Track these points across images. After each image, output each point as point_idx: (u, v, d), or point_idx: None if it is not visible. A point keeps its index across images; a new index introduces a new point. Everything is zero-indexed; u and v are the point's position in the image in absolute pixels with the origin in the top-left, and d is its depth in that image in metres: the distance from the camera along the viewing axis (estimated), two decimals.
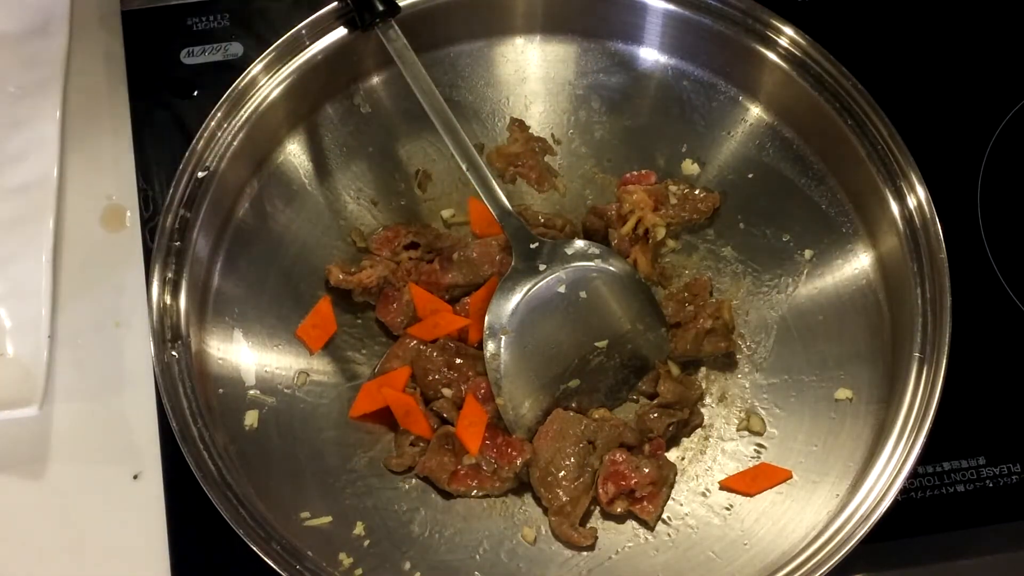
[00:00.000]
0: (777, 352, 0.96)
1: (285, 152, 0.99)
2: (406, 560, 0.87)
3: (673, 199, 1.00)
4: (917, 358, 0.87)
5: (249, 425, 0.89)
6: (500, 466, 0.90)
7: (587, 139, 1.04)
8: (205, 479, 0.81)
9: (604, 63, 1.04)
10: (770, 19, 0.98)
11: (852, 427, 0.90)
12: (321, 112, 1.00)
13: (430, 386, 0.93)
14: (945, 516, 0.93)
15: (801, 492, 0.89)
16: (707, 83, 1.02)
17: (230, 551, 0.82)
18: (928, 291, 0.89)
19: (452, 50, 1.03)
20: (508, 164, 1.03)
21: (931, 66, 1.13)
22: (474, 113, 1.04)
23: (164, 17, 1.10)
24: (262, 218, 0.96)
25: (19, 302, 0.96)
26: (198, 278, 0.90)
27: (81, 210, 1.02)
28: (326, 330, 0.95)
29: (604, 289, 0.95)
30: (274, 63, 0.95)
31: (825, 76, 0.96)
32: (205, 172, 0.91)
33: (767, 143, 1.00)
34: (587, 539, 0.89)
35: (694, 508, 0.91)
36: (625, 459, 0.90)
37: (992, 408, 0.98)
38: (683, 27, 1.00)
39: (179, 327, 0.87)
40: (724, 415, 0.95)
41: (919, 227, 0.91)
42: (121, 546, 0.91)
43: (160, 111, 1.06)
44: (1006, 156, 1.09)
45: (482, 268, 0.98)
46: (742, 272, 1.00)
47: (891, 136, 0.93)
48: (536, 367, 0.93)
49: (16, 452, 0.93)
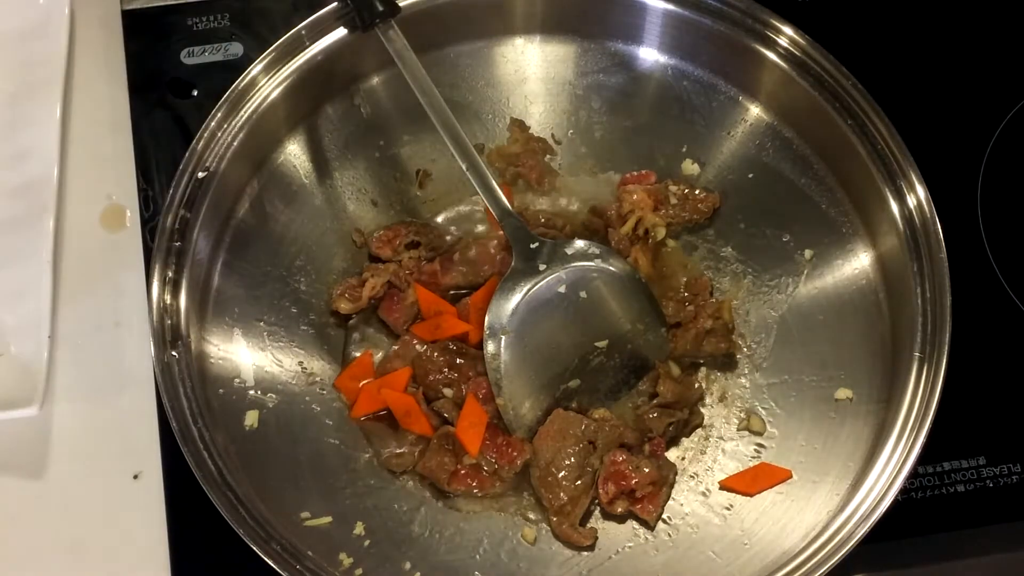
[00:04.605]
0: (777, 352, 0.96)
1: (285, 152, 0.99)
2: (406, 560, 0.87)
3: (673, 199, 1.00)
4: (917, 358, 0.87)
5: (249, 425, 0.89)
6: (500, 466, 0.90)
7: (587, 139, 1.04)
8: (205, 479, 0.81)
9: (604, 63, 1.04)
10: (770, 19, 0.98)
11: (852, 427, 0.90)
12: (321, 112, 1.00)
13: (431, 386, 0.93)
14: (945, 516, 0.93)
15: (801, 492, 0.89)
16: (707, 83, 1.02)
17: (230, 551, 0.82)
18: (928, 291, 0.89)
19: (452, 50, 1.03)
20: (508, 164, 1.03)
21: (931, 66, 1.13)
22: (474, 113, 1.04)
23: (164, 17, 1.11)
24: (262, 218, 0.96)
25: (19, 302, 0.96)
26: (198, 278, 0.90)
27: (81, 210, 1.02)
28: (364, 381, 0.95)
29: (604, 289, 0.95)
30: (274, 63, 0.95)
31: (825, 76, 0.96)
32: (205, 172, 0.91)
33: (767, 143, 1.00)
34: (587, 539, 0.89)
35: (694, 508, 0.91)
36: (625, 459, 0.90)
37: (992, 408, 0.98)
38: (683, 27, 1.00)
39: (179, 327, 0.87)
40: (724, 415, 0.95)
41: (919, 227, 0.91)
42: (121, 546, 0.91)
43: (160, 111, 1.06)
44: (1006, 156, 1.09)
45: (482, 268, 0.98)
46: (742, 272, 1.00)
47: (891, 136, 0.93)
48: (536, 367, 0.93)
49: (16, 452, 0.93)
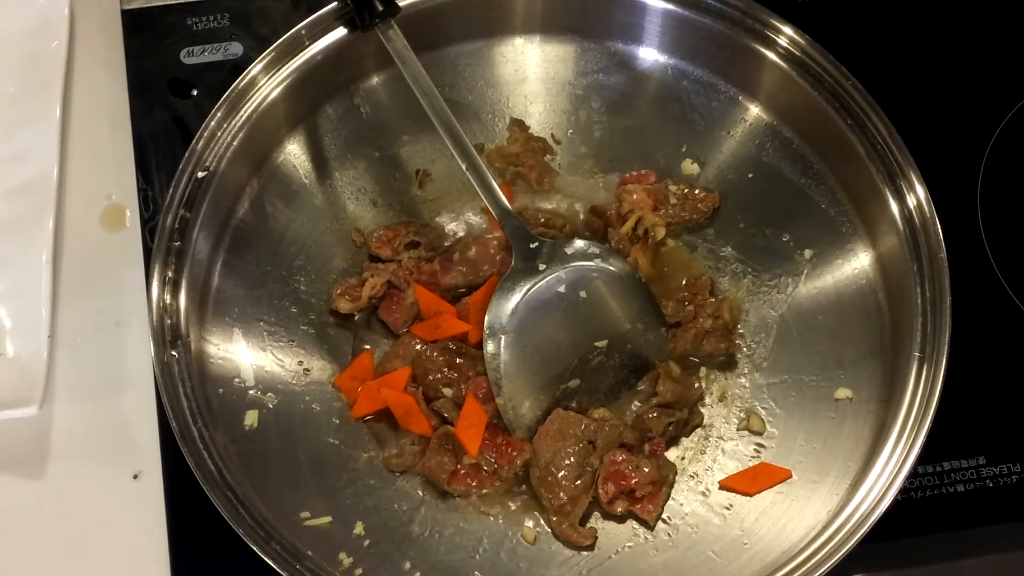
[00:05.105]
0: (777, 352, 0.96)
1: (285, 152, 0.99)
2: (406, 560, 0.87)
3: (673, 199, 1.00)
4: (917, 358, 0.87)
5: (249, 425, 0.89)
6: (500, 466, 0.90)
7: (587, 139, 1.04)
8: (205, 479, 0.81)
9: (604, 63, 1.04)
10: (770, 19, 0.98)
11: (852, 427, 0.90)
12: (321, 112, 1.00)
13: (431, 386, 0.93)
14: (945, 516, 0.93)
15: (801, 492, 0.89)
16: (707, 83, 1.02)
17: (230, 551, 0.82)
18: (928, 291, 0.89)
19: (452, 50, 1.03)
20: (508, 164, 1.03)
21: (931, 66, 1.13)
22: (474, 113, 1.04)
23: (164, 17, 1.11)
24: (262, 218, 0.96)
25: (19, 302, 0.96)
26: (198, 278, 0.90)
27: (81, 210, 1.02)
28: (364, 380, 0.95)
29: (604, 289, 0.95)
30: (274, 63, 0.95)
31: (825, 76, 0.96)
32: (205, 172, 0.91)
33: (767, 143, 1.00)
34: (587, 539, 0.89)
35: (694, 508, 0.91)
36: (625, 459, 0.90)
37: (992, 408, 0.98)
38: (683, 27, 1.00)
39: (179, 327, 0.87)
40: (724, 415, 0.95)
41: (919, 227, 0.91)
42: (121, 546, 0.91)
43: (160, 111, 1.06)
44: (1006, 156, 1.09)
45: (482, 268, 0.98)
46: (742, 272, 1.00)
47: (891, 136, 0.93)
48: (536, 367, 0.93)
49: (16, 452, 0.93)
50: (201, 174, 0.91)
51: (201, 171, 0.91)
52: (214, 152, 0.92)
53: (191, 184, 0.91)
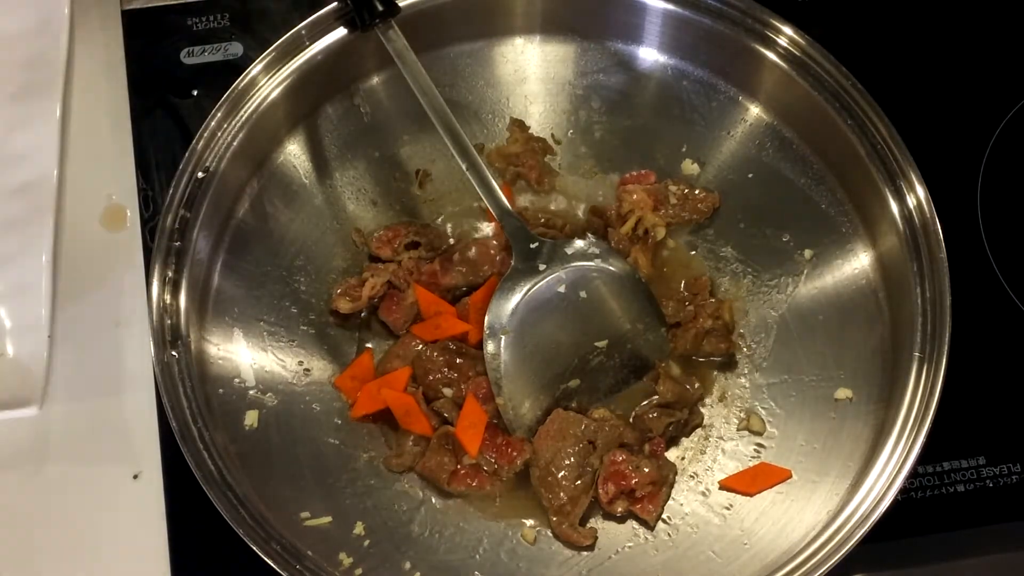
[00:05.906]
0: (777, 352, 0.96)
1: (285, 152, 0.99)
2: (406, 560, 0.87)
3: (673, 199, 1.00)
4: (917, 358, 0.87)
5: (249, 425, 0.89)
6: (500, 466, 0.90)
7: (587, 139, 1.04)
8: (205, 479, 0.81)
9: (604, 63, 1.04)
10: (770, 19, 0.98)
11: (852, 427, 0.90)
12: (321, 112, 1.00)
13: (431, 386, 0.93)
14: (945, 516, 0.93)
15: (801, 492, 0.89)
16: (707, 83, 1.02)
17: (230, 551, 0.82)
18: (928, 291, 0.89)
19: (452, 50, 1.03)
20: (508, 164, 1.03)
21: (931, 66, 1.13)
22: (474, 113, 1.04)
23: (164, 17, 1.11)
24: (262, 218, 0.96)
25: (19, 302, 0.96)
26: (198, 278, 0.90)
27: (81, 210, 1.02)
28: (364, 380, 0.95)
29: (604, 289, 0.95)
30: (274, 63, 0.95)
31: (825, 76, 0.96)
32: (205, 172, 0.91)
33: (767, 143, 1.00)
34: (587, 539, 0.89)
35: (694, 508, 0.91)
36: (625, 459, 0.90)
37: (992, 408, 0.98)
38: (683, 27, 1.00)
39: (179, 327, 0.87)
40: (724, 415, 0.95)
41: (919, 227, 0.91)
42: (121, 546, 0.91)
43: (160, 111, 1.06)
44: (1006, 156, 1.09)
45: (482, 268, 0.98)
46: (742, 272, 1.00)
47: (891, 136, 0.93)
48: (536, 367, 0.93)
49: (16, 452, 0.93)
50: (201, 174, 0.91)
51: (201, 171, 0.91)
52: (214, 152, 0.92)
53: (191, 184, 0.91)
